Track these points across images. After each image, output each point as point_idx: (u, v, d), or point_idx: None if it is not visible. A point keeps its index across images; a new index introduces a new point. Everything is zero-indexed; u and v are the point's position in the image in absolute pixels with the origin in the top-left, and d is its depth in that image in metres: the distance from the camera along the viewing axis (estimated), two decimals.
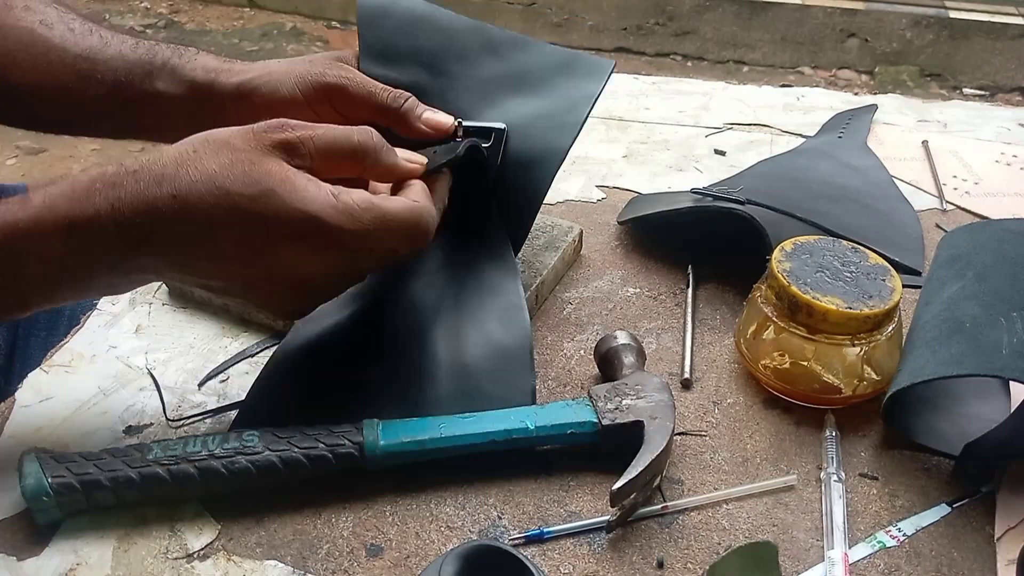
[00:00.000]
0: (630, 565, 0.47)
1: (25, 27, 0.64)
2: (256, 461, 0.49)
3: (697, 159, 0.90)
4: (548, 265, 0.66)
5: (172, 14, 3.78)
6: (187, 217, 0.46)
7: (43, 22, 0.65)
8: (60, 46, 0.64)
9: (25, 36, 0.64)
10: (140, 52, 0.64)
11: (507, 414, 0.53)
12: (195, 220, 0.46)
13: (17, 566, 0.47)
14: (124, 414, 0.56)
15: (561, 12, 3.49)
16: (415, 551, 0.48)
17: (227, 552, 0.48)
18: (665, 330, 0.65)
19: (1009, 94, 3.15)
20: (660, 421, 0.51)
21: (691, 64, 3.40)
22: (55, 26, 0.65)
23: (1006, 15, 3.16)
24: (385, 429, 0.51)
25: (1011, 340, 0.51)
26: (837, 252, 0.58)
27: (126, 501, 0.49)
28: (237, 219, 0.46)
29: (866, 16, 3.21)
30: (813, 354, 0.55)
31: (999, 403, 0.58)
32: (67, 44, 0.64)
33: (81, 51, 0.64)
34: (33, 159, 2.60)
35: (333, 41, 3.57)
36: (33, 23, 0.64)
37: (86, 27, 0.66)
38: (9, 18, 0.64)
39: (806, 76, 3.26)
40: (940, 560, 0.48)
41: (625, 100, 1.04)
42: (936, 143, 0.92)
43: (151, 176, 0.46)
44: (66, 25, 0.65)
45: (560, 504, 0.51)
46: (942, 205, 0.82)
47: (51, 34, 0.64)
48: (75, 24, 0.65)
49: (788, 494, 0.52)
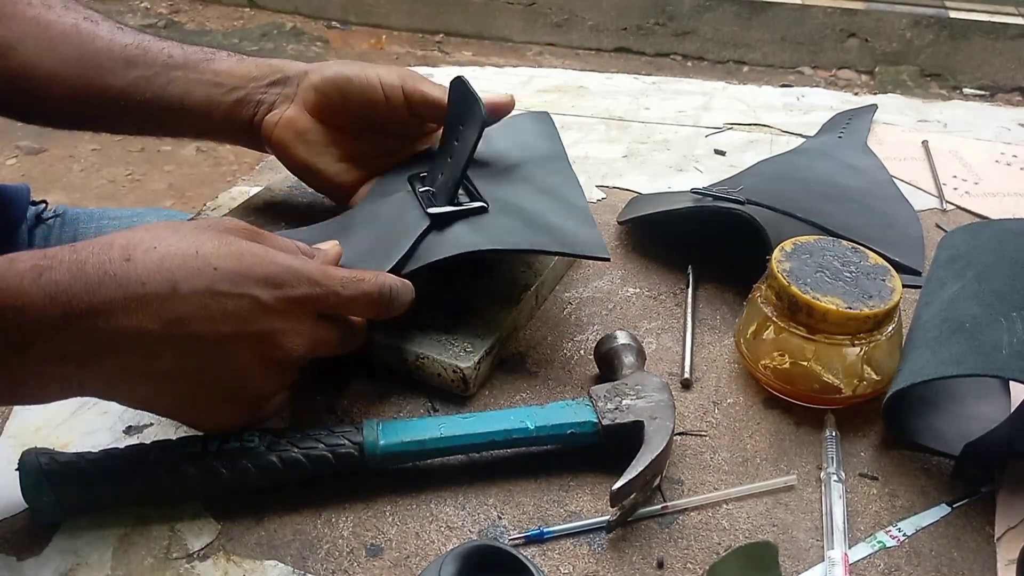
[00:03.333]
0: (630, 565, 0.47)
1: (68, 22, 0.66)
2: (256, 461, 0.49)
3: (697, 159, 0.90)
4: (548, 265, 0.66)
5: (172, 14, 3.79)
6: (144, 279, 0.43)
7: (87, 18, 0.67)
8: (108, 37, 0.65)
9: (68, 28, 0.65)
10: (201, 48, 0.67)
11: (507, 414, 0.53)
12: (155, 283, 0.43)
13: (17, 566, 0.47)
14: (124, 414, 0.56)
15: (561, 12, 3.49)
16: (415, 551, 0.48)
17: (227, 552, 0.48)
18: (665, 330, 0.65)
19: (1009, 94, 3.16)
20: (660, 421, 0.51)
21: (691, 64, 3.40)
22: (101, 23, 0.67)
23: (1006, 15, 3.17)
24: (385, 429, 0.51)
25: (1011, 340, 0.51)
26: (837, 252, 0.58)
27: (126, 501, 0.49)
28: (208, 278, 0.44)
29: (866, 16, 3.22)
30: (813, 354, 0.55)
31: (999, 403, 0.58)
32: (116, 36, 0.66)
33: (133, 41, 0.66)
34: (33, 159, 2.60)
35: (333, 41, 3.57)
36: (76, 19, 0.66)
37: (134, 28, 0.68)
38: (50, 14, 0.65)
39: (806, 76, 3.26)
40: (940, 560, 0.48)
41: (625, 100, 1.04)
42: (936, 143, 0.92)
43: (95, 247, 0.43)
44: (113, 23, 0.67)
45: (560, 504, 0.51)
46: (942, 205, 0.82)
47: (97, 28, 0.66)
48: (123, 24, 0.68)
49: (788, 494, 0.52)
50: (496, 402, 0.58)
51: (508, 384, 0.59)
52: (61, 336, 0.42)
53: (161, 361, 0.45)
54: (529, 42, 3.57)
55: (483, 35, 3.61)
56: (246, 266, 0.46)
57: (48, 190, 2.41)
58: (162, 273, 0.43)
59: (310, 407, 0.57)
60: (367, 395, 0.58)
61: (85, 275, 0.42)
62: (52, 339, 0.42)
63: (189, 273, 0.44)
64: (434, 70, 1.11)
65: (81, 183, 2.50)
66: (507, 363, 0.61)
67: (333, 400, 0.58)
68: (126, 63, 0.64)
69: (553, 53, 3.50)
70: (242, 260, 0.46)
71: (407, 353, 0.58)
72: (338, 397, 0.58)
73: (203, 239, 0.46)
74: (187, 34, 3.59)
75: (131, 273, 0.43)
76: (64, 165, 2.57)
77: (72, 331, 0.42)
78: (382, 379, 0.59)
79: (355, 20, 3.71)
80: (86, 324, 0.42)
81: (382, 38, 3.62)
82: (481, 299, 0.62)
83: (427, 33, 3.64)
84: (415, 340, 0.58)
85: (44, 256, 0.43)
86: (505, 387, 0.59)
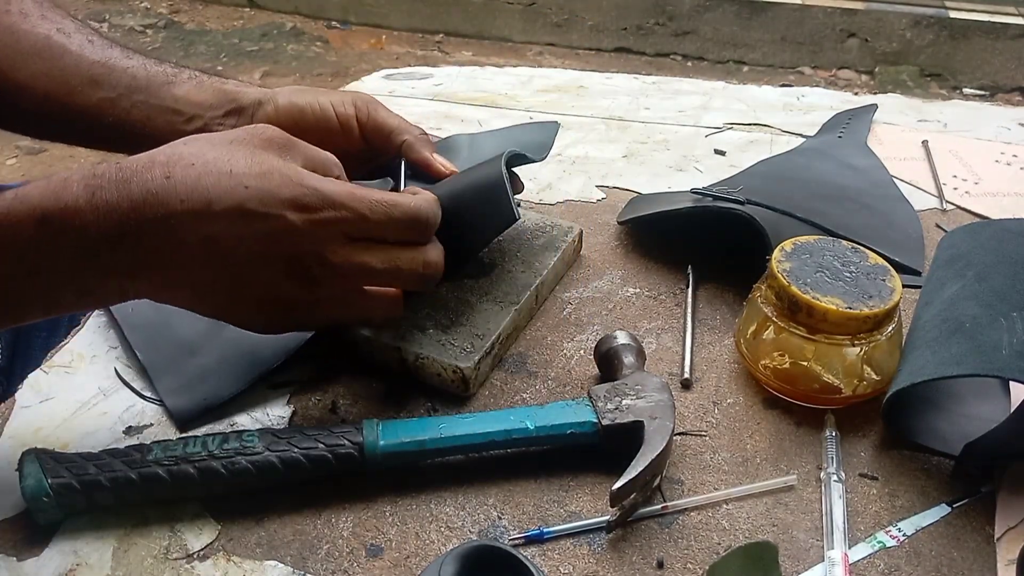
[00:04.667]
0: (630, 565, 0.47)
1: (41, 33, 0.65)
2: (256, 461, 0.49)
3: (697, 159, 0.90)
4: (548, 265, 0.66)
5: (172, 14, 3.79)
6: (183, 198, 0.45)
7: (60, 30, 0.66)
8: (77, 52, 0.65)
9: (40, 41, 0.65)
10: (164, 67, 0.67)
11: (507, 414, 0.53)
12: (192, 201, 0.45)
13: (17, 566, 0.47)
14: (124, 414, 0.56)
15: (561, 12, 3.49)
16: (415, 551, 0.48)
17: (227, 552, 0.48)
18: (665, 330, 0.65)
19: (1009, 94, 3.15)
20: (660, 421, 0.51)
21: (691, 64, 3.40)
22: (73, 35, 0.66)
23: (1006, 15, 3.17)
24: (385, 429, 0.51)
25: (1011, 340, 0.51)
26: (837, 252, 0.58)
27: (126, 501, 0.49)
28: (239, 197, 0.46)
29: (866, 16, 3.22)
30: (813, 354, 0.55)
31: (999, 403, 0.57)
32: (85, 51, 0.65)
33: (100, 58, 0.65)
34: (33, 159, 2.60)
35: (333, 41, 3.57)
36: (49, 30, 0.66)
37: (106, 42, 0.67)
38: (25, 24, 0.65)
39: (806, 76, 3.26)
40: (940, 560, 0.48)
41: (625, 100, 1.04)
42: (936, 143, 0.92)
43: (139, 164, 0.46)
44: (85, 36, 0.67)
45: (560, 504, 0.51)
46: (942, 205, 0.82)
47: (68, 41, 0.66)
48: (94, 37, 0.67)
49: (788, 494, 0.52)
50: (496, 402, 0.58)
51: (508, 384, 0.59)
52: (116, 251, 0.45)
53: (199, 273, 0.48)
54: (529, 42, 3.57)
55: (483, 35, 3.61)
56: (274, 185, 0.47)
57: None
58: (199, 191, 0.45)
59: (310, 407, 0.57)
60: (367, 395, 0.58)
61: (131, 193, 0.45)
62: (110, 253, 0.45)
63: (222, 192, 0.46)
64: (434, 70, 1.11)
65: None
66: (507, 363, 0.61)
67: (333, 400, 0.58)
68: (91, 82, 0.64)
69: (553, 53, 3.50)
70: (271, 179, 0.47)
71: (407, 353, 0.58)
72: (338, 397, 0.58)
73: (237, 156, 0.47)
74: (187, 34, 3.59)
75: (171, 191, 0.45)
76: (64, 165, 2.57)
77: (123, 246, 0.45)
78: (382, 379, 0.59)
79: (355, 20, 3.71)
80: (133, 240, 0.45)
81: (382, 38, 3.62)
82: (481, 299, 0.62)
83: (427, 33, 3.64)
84: (415, 340, 0.58)
85: (94, 176, 0.45)
86: (505, 387, 0.59)
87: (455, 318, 0.60)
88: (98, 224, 0.44)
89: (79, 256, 0.45)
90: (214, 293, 0.49)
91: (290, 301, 0.51)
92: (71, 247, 0.45)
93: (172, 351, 0.60)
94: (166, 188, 0.45)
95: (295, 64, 3.36)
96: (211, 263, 0.47)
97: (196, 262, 0.47)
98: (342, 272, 0.50)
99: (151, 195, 0.45)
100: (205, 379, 0.58)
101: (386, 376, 0.59)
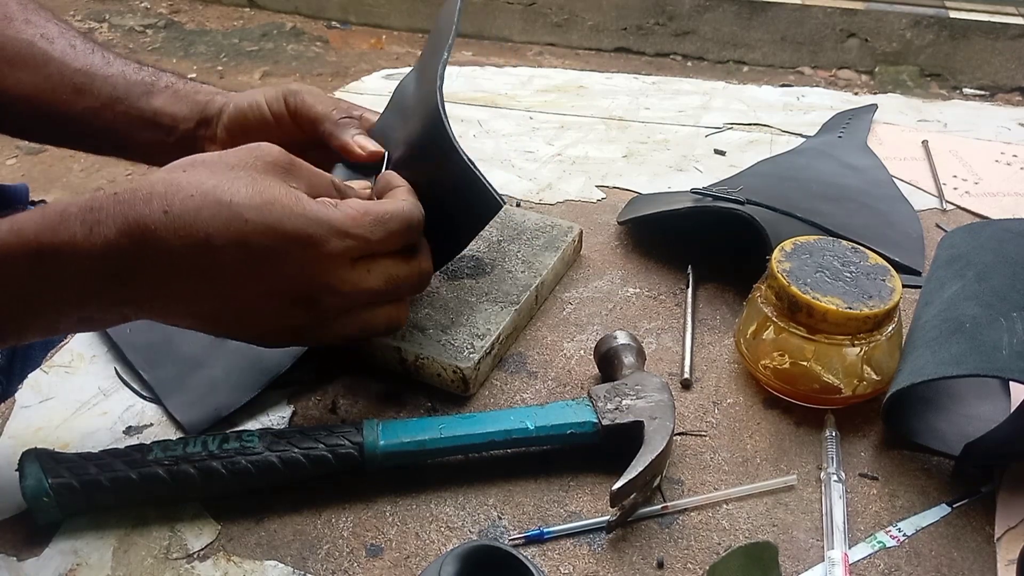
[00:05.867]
0: (630, 565, 0.47)
1: (24, 39, 0.65)
2: (256, 461, 0.49)
3: (697, 159, 0.90)
4: (548, 265, 0.66)
5: (172, 14, 3.79)
6: (181, 234, 0.44)
7: (44, 35, 0.66)
8: (60, 59, 0.65)
9: (24, 48, 0.65)
10: (143, 75, 0.66)
11: (507, 414, 0.53)
12: (191, 236, 0.44)
13: (17, 566, 0.47)
14: (124, 414, 0.56)
15: (561, 12, 3.49)
16: (415, 551, 0.48)
17: (227, 552, 0.48)
18: (665, 330, 0.65)
19: (1009, 94, 3.16)
20: (660, 421, 0.51)
21: (691, 64, 3.40)
22: (56, 41, 0.66)
23: (1006, 15, 3.17)
24: (385, 429, 0.51)
25: (1011, 340, 0.51)
26: (837, 252, 0.58)
27: (126, 501, 0.49)
28: (238, 231, 0.45)
29: (866, 16, 3.22)
30: (813, 354, 0.55)
31: (999, 403, 0.58)
32: (67, 58, 0.65)
33: (81, 66, 0.65)
34: (33, 159, 2.60)
35: (333, 41, 3.57)
36: (33, 36, 0.65)
37: (88, 46, 0.67)
38: (9, 29, 0.65)
39: (806, 76, 3.26)
40: (940, 560, 0.48)
41: (625, 100, 1.04)
42: (936, 143, 0.92)
43: (137, 196, 0.45)
44: (68, 41, 0.66)
45: (560, 504, 0.51)
46: (942, 205, 0.82)
47: (51, 48, 0.65)
48: (77, 42, 0.66)
49: (788, 494, 0.52)
50: (496, 402, 0.58)
51: (508, 384, 0.59)
52: (116, 285, 0.45)
53: (202, 304, 0.48)
54: (529, 42, 3.57)
55: (483, 35, 3.61)
56: (275, 219, 0.46)
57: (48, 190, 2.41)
58: (197, 225, 0.45)
59: (310, 407, 0.57)
60: (367, 395, 0.58)
61: (130, 229, 0.44)
62: (110, 287, 0.45)
63: (221, 224, 0.45)
64: None
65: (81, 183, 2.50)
66: (507, 363, 0.61)
67: (333, 400, 0.58)
68: (75, 91, 0.64)
69: (553, 53, 3.50)
70: (272, 211, 0.46)
71: (407, 353, 0.58)
72: (338, 397, 0.58)
73: (238, 185, 0.46)
74: (187, 34, 3.59)
75: (169, 226, 0.44)
76: (64, 165, 2.57)
77: (123, 281, 0.45)
78: (382, 379, 0.59)
79: (355, 20, 3.71)
80: (133, 276, 0.45)
81: (382, 38, 3.62)
82: (481, 299, 0.62)
83: (427, 33, 3.63)
84: (415, 340, 0.58)
85: (91, 209, 0.44)
86: (505, 387, 0.59)
87: (455, 318, 0.60)
88: (97, 261, 0.44)
89: (78, 290, 0.45)
90: (217, 321, 0.49)
91: (297, 326, 0.50)
92: (69, 282, 0.44)
93: (177, 368, 0.59)
94: (165, 224, 0.44)
95: (295, 64, 3.36)
96: (214, 296, 0.47)
97: (198, 295, 0.47)
98: (350, 298, 0.50)
99: (149, 232, 0.44)
100: (214, 391, 0.57)
101: (386, 376, 0.59)
